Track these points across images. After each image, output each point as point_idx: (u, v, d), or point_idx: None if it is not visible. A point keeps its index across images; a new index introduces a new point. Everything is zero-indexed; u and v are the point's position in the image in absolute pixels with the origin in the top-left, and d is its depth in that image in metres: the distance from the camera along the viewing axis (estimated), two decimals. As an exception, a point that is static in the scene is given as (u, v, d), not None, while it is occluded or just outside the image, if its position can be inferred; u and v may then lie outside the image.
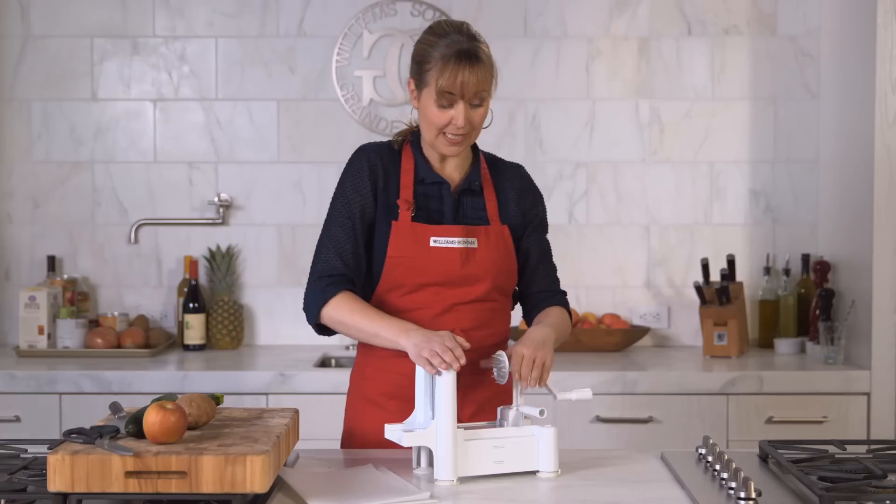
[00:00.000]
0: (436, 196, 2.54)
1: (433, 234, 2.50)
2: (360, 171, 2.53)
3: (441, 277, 2.49)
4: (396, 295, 2.51)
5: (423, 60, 2.46)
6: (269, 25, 4.25)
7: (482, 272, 2.51)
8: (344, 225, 2.51)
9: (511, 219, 2.59)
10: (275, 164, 4.27)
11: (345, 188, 2.53)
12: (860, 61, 3.80)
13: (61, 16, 4.23)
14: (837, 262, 4.03)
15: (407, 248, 2.49)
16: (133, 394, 3.60)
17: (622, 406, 3.67)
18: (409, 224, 2.49)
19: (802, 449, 2.39)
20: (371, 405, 2.57)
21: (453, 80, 2.41)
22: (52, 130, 4.25)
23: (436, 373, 2.23)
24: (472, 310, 2.52)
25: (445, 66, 2.42)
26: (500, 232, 2.55)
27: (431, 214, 2.53)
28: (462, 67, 2.41)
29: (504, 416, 2.33)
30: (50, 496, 1.96)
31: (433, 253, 2.49)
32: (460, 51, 2.42)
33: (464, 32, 2.46)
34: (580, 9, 4.24)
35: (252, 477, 1.96)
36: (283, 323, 4.28)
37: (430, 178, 2.54)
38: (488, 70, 2.45)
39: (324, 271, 2.50)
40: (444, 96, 2.43)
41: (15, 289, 4.20)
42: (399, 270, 2.49)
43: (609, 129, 4.26)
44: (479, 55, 2.43)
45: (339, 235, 2.51)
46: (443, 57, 2.42)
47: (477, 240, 2.52)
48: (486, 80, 2.44)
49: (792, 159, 4.26)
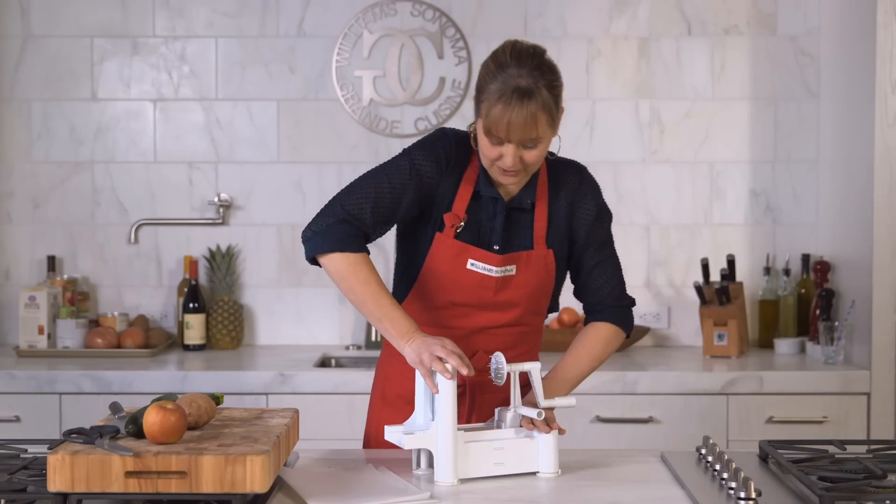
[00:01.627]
0: (489, 210, 2.44)
1: (472, 256, 2.42)
2: (433, 151, 2.42)
3: (473, 301, 2.45)
4: (426, 307, 2.46)
5: (479, 90, 2.33)
6: (269, 25, 4.25)
7: (516, 299, 2.46)
8: (395, 185, 2.39)
9: (557, 242, 2.48)
10: (275, 164, 4.27)
11: (412, 157, 2.42)
12: (860, 61, 3.80)
13: (61, 16, 4.23)
14: (837, 262, 4.03)
15: (443, 265, 2.43)
16: (133, 394, 3.60)
17: (622, 406, 3.67)
18: (450, 240, 2.42)
19: (802, 449, 2.39)
20: (389, 407, 2.56)
21: (499, 122, 2.28)
22: (52, 130, 4.25)
23: (436, 391, 2.22)
24: (501, 333, 2.47)
25: (495, 104, 2.28)
26: (542, 257, 2.46)
27: (481, 231, 2.43)
28: (510, 109, 2.26)
29: (502, 418, 2.33)
30: (50, 496, 1.96)
31: (468, 276, 2.43)
32: (514, 90, 2.26)
33: (526, 65, 2.28)
34: (580, 9, 4.24)
35: (252, 477, 1.96)
36: (283, 323, 4.28)
37: (487, 192, 2.43)
38: (545, 111, 2.28)
39: (352, 215, 2.38)
40: (493, 135, 2.31)
41: (15, 289, 4.20)
42: (431, 284, 2.45)
43: (609, 129, 4.26)
44: (533, 95, 2.26)
45: (382, 193, 2.39)
46: (495, 93, 2.28)
47: (516, 266, 2.44)
48: (539, 124, 2.28)
49: (792, 159, 4.26)
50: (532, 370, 2.30)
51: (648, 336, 4.25)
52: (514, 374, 2.32)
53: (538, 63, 2.30)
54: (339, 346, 4.21)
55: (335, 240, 2.37)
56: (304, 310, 4.27)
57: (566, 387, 2.47)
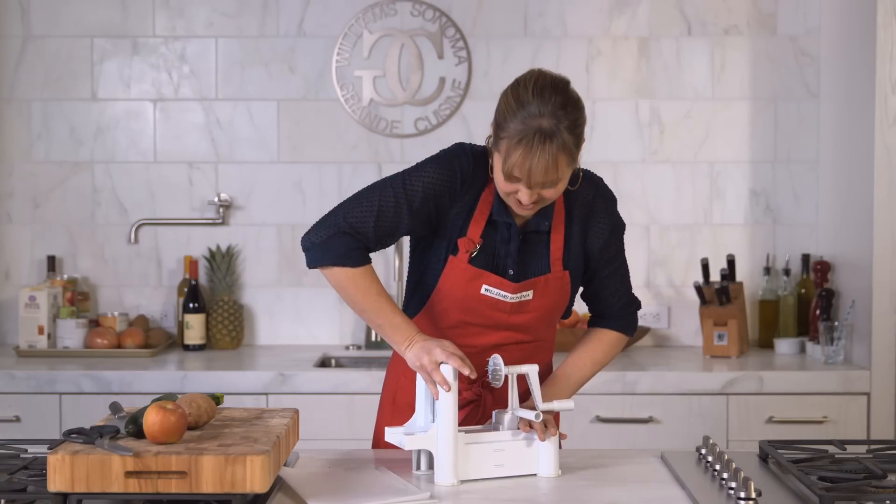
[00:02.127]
0: (503, 233, 2.39)
1: (486, 282, 2.38)
2: (445, 172, 2.36)
3: (486, 321, 2.43)
4: (437, 325, 2.43)
5: (499, 125, 2.26)
6: (269, 25, 4.25)
7: (532, 321, 2.44)
8: (398, 201, 2.34)
9: (573, 261, 2.44)
10: (275, 164, 4.27)
11: (423, 174, 2.36)
12: (860, 61, 3.79)
13: (61, 16, 4.23)
14: (837, 262, 4.03)
15: (457, 289, 2.39)
16: (133, 394, 3.60)
17: (622, 406, 3.67)
18: (464, 265, 2.38)
19: (802, 449, 2.39)
20: (399, 413, 2.53)
21: (520, 167, 2.22)
22: (52, 130, 4.25)
23: (437, 397, 2.21)
24: (514, 350, 2.45)
25: (517, 145, 2.20)
26: (559, 279, 2.42)
27: (496, 257, 2.39)
28: (532, 155, 2.19)
29: (500, 420, 2.33)
30: (50, 496, 1.96)
31: (483, 300, 2.40)
32: (535, 132, 2.19)
33: (548, 103, 2.20)
34: (580, 9, 4.24)
35: (252, 477, 1.96)
36: (283, 323, 4.28)
37: (501, 218, 2.37)
38: (565, 153, 2.21)
39: (354, 227, 2.34)
40: (512, 176, 2.24)
41: (15, 289, 4.20)
42: (444, 304, 2.42)
43: (609, 129, 4.26)
44: (554, 138, 2.19)
45: (386, 206, 2.34)
46: (515, 134, 2.20)
47: (533, 291, 2.41)
48: (559, 166, 2.22)
49: (792, 159, 4.26)
50: (530, 372, 2.30)
51: (648, 336, 4.25)
52: (512, 377, 2.32)
53: (562, 102, 2.23)
54: (339, 346, 4.21)
55: (336, 254, 2.35)
56: (304, 310, 4.27)
57: (568, 391, 2.47)
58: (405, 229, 2.39)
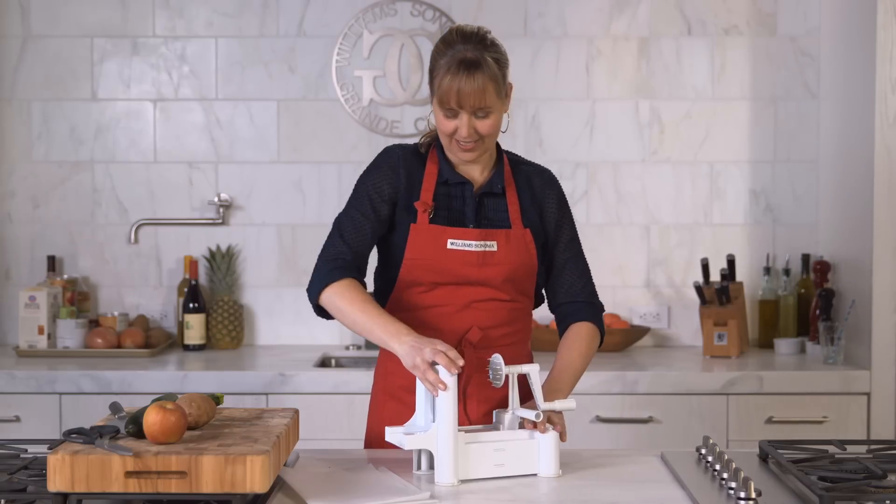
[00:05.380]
0: (458, 197, 2.53)
1: (450, 236, 2.49)
2: (380, 171, 2.54)
3: (457, 279, 2.50)
4: (415, 292, 2.52)
5: (432, 68, 2.46)
6: (269, 25, 4.25)
7: (499, 275, 2.50)
8: (355, 217, 2.51)
9: (532, 224, 2.56)
10: (275, 164, 4.27)
11: (365, 183, 2.54)
12: (860, 61, 3.80)
13: (61, 16, 4.23)
14: (837, 262, 4.03)
15: (424, 250, 2.49)
16: (133, 394, 3.60)
17: (622, 406, 3.67)
18: (426, 226, 2.49)
19: (802, 449, 2.39)
20: (392, 400, 2.58)
21: (450, 92, 2.40)
22: (52, 130, 4.25)
23: (435, 393, 2.22)
24: (491, 307, 2.52)
25: (445, 75, 2.40)
26: (521, 235, 2.53)
27: (453, 215, 2.52)
28: (459, 78, 2.38)
29: (500, 419, 2.33)
30: (50, 496, 1.96)
31: (450, 255, 2.49)
32: (461, 61, 2.39)
33: (472, 41, 2.42)
34: (580, 9, 4.24)
35: (252, 477, 1.96)
36: (283, 323, 4.28)
37: (454, 178, 2.53)
38: (492, 81, 2.41)
39: (331, 255, 2.50)
40: (446, 106, 2.42)
41: (15, 289, 4.20)
42: (417, 272, 2.50)
43: (609, 129, 4.27)
44: (480, 66, 2.39)
45: (349, 224, 2.51)
46: (444, 66, 2.41)
47: (497, 243, 2.50)
48: (487, 93, 2.40)
49: (792, 159, 4.26)
50: (531, 372, 2.30)
51: (648, 336, 4.25)
52: (513, 376, 2.32)
53: (482, 39, 2.43)
54: (339, 346, 4.21)
55: (318, 279, 2.48)
56: (304, 310, 4.26)
57: (566, 389, 2.49)
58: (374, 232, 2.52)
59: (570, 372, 2.51)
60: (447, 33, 2.47)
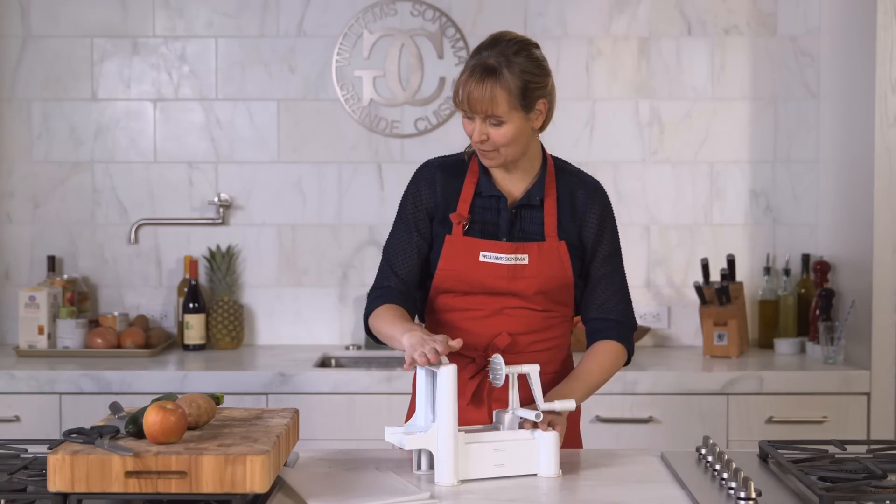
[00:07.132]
0: (493, 209, 2.53)
1: (482, 248, 2.50)
2: (417, 188, 2.57)
3: (488, 289, 2.50)
4: (449, 296, 2.54)
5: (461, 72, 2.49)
6: (269, 25, 4.25)
7: (530, 287, 2.49)
8: (401, 242, 2.56)
9: (568, 237, 2.53)
10: (275, 164, 4.27)
11: (405, 204, 2.58)
12: (860, 61, 3.80)
13: (61, 16, 4.23)
14: (837, 262, 4.03)
15: (457, 262, 2.51)
16: (133, 394, 3.60)
17: (622, 406, 3.67)
18: (460, 238, 2.51)
19: (802, 449, 2.39)
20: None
21: (460, 95, 2.42)
22: (52, 130, 4.25)
23: (425, 361, 2.22)
24: (522, 315, 2.51)
25: (462, 77, 2.42)
26: (554, 248, 2.51)
27: (486, 227, 2.52)
28: (471, 83, 2.39)
29: (500, 419, 2.33)
30: (50, 496, 1.96)
31: (481, 267, 2.50)
32: (477, 66, 2.40)
33: (499, 47, 2.41)
34: (580, 9, 4.24)
35: (252, 477, 1.96)
36: (283, 323, 4.28)
37: (488, 191, 2.52)
38: (506, 91, 2.39)
39: (378, 283, 2.57)
40: (461, 108, 2.44)
41: (15, 289, 4.20)
42: (449, 282, 2.52)
43: (609, 129, 4.26)
44: (495, 73, 2.38)
45: (395, 252, 2.56)
46: (466, 68, 2.43)
47: (528, 255, 2.49)
48: (497, 102, 2.39)
49: (792, 159, 4.26)
50: (531, 372, 2.30)
51: (648, 336, 4.25)
52: (513, 377, 2.32)
53: (513, 47, 2.41)
54: (339, 346, 4.21)
55: (366, 309, 2.55)
56: (304, 310, 4.27)
57: (577, 394, 2.45)
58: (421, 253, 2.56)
59: (583, 381, 2.49)
60: (488, 37, 2.47)
